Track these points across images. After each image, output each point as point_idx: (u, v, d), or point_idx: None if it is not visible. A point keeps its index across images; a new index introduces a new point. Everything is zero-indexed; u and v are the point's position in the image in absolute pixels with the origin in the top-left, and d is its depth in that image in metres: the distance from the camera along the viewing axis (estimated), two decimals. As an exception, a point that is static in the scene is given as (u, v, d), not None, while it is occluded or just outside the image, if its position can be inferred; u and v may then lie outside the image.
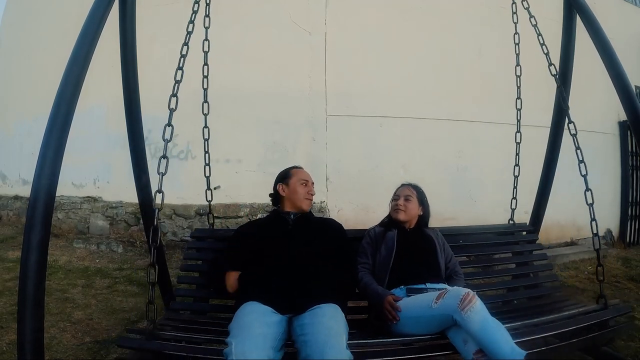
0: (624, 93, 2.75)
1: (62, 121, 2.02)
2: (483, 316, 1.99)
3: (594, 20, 3.04)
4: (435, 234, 2.93)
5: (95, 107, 6.94)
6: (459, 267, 2.89)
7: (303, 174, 2.83)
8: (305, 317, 2.08)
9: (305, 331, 1.99)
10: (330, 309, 2.14)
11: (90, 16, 2.30)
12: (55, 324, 3.76)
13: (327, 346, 1.85)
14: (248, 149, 6.33)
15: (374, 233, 2.88)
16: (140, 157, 3.27)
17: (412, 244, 2.75)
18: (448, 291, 2.17)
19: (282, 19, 6.56)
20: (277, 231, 2.64)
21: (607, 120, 8.29)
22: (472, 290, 2.10)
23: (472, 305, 2.00)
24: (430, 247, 2.78)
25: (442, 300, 2.11)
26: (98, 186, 7.45)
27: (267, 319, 2.06)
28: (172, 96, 2.60)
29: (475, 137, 6.62)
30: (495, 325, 2.00)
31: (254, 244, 2.58)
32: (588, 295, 4.96)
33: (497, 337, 1.94)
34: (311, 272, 2.37)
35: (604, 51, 2.90)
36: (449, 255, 2.88)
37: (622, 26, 8.19)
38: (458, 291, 2.11)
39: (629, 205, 8.42)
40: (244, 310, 2.12)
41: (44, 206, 1.91)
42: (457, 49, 6.82)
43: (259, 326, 1.98)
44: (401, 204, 2.85)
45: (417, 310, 2.26)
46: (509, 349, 1.90)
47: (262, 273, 2.39)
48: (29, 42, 9.00)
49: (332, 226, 2.85)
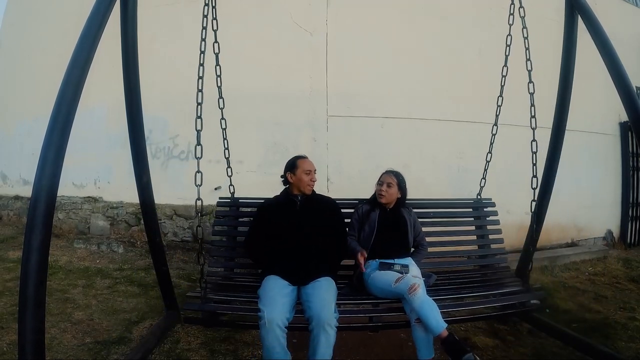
0: (625, 93, 2.75)
1: (63, 122, 2.02)
2: (421, 299, 2.82)
3: (595, 21, 3.04)
4: (409, 213, 3.66)
5: (96, 107, 6.96)
6: (425, 240, 3.72)
7: (307, 165, 3.40)
8: (309, 288, 2.96)
9: (309, 299, 2.87)
10: (325, 282, 3.03)
11: (91, 17, 2.30)
12: (55, 324, 3.77)
13: (322, 311, 2.73)
14: (249, 150, 6.33)
15: (362, 211, 3.64)
16: (141, 157, 3.27)
17: (389, 224, 3.53)
18: (403, 278, 3.00)
19: (283, 20, 6.56)
20: (288, 213, 3.34)
21: (607, 121, 8.27)
22: (418, 282, 2.91)
23: (415, 292, 2.83)
24: (403, 226, 3.56)
25: (399, 284, 2.96)
26: (99, 186, 7.45)
27: (285, 291, 2.93)
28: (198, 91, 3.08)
29: (475, 138, 6.60)
30: (429, 304, 2.81)
31: (271, 225, 3.32)
32: (589, 296, 4.96)
33: (428, 314, 2.77)
34: (314, 250, 3.18)
35: (605, 51, 2.90)
36: (418, 230, 3.69)
37: (622, 27, 8.19)
38: (409, 280, 2.94)
39: (630, 206, 8.40)
40: (268, 284, 2.98)
41: (45, 207, 1.91)
42: (458, 50, 6.81)
43: (280, 297, 2.83)
44: (384, 189, 3.55)
45: (383, 283, 3.12)
46: (435, 322, 2.74)
47: (278, 252, 3.19)
48: (30, 42, 9.01)
49: (331, 208, 3.53)
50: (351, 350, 3.51)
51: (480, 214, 4.22)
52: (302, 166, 3.39)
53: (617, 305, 4.66)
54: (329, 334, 2.69)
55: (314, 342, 2.70)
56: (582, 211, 7.61)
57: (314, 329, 2.71)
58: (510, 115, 4.39)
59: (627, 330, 3.94)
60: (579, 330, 3.77)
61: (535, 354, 3.48)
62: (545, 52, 4.31)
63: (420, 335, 2.85)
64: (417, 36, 6.73)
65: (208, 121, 3.25)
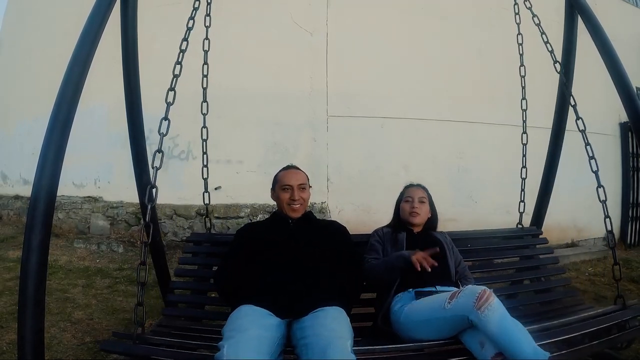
0: (625, 94, 2.74)
1: (63, 122, 2.01)
2: (502, 315, 1.84)
3: (595, 21, 3.03)
4: (444, 237, 2.83)
5: (96, 106, 6.95)
6: (469, 272, 2.77)
7: (286, 178, 2.59)
8: (307, 320, 1.96)
9: (307, 334, 1.87)
10: (333, 311, 2.02)
11: (91, 16, 2.30)
12: (55, 323, 3.76)
13: (329, 347, 1.71)
14: (249, 150, 6.33)
15: (382, 233, 2.79)
16: (141, 156, 3.27)
17: (422, 247, 2.50)
18: (462, 290, 2.03)
19: (283, 19, 6.56)
20: (277, 233, 2.51)
21: (607, 122, 8.27)
22: (488, 288, 1.95)
23: (489, 304, 1.84)
24: (440, 250, 2.54)
25: (456, 299, 1.95)
26: (99, 186, 7.45)
27: (265, 322, 1.95)
28: (169, 90, 2.59)
29: (476, 138, 6.61)
30: (515, 325, 1.86)
31: (254, 246, 2.46)
32: (589, 296, 4.95)
33: (519, 338, 1.80)
34: (313, 275, 2.26)
35: (605, 52, 2.89)
36: (458, 258, 2.77)
37: (622, 27, 8.18)
38: (473, 289, 1.95)
39: (630, 206, 8.42)
40: (239, 313, 2.01)
41: (45, 207, 1.91)
42: (457, 50, 6.81)
43: (255, 328, 1.85)
44: (417, 206, 2.75)
45: (428, 313, 2.10)
46: (532, 351, 1.77)
47: (260, 275, 2.28)
48: (30, 41, 9.00)
49: (335, 228, 2.71)
50: None
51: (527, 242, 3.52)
52: (281, 180, 2.60)
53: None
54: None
55: None
56: (582, 211, 7.59)
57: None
58: (511, 116, 4.38)
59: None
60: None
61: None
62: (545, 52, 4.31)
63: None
64: (417, 36, 6.74)
65: (208, 121, 3.25)
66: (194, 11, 2.86)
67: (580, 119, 3.03)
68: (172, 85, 2.62)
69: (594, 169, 2.95)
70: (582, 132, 3.03)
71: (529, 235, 3.55)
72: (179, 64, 2.71)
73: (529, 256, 3.42)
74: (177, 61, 2.71)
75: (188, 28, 2.80)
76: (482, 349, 1.88)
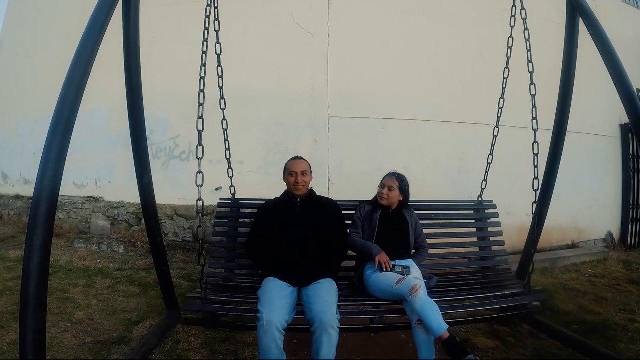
0: (626, 96, 2.75)
1: (65, 123, 2.02)
2: (423, 300, 2.82)
3: (596, 23, 3.04)
4: (411, 215, 3.66)
5: (98, 107, 6.96)
6: (426, 242, 3.70)
7: (292, 166, 3.41)
8: (310, 290, 2.97)
9: (310, 300, 2.87)
10: (326, 284, 3.04)
11: (94, 17, 2.31)
12: (56, 324, 3.77)
13: (323, 313, 2.73)
14: (250, 150, 6.33)
15: (364, 211, 3.62)
16: (142, 157, 3.28)
17: (390, 226, 3.52)
18: (405, 278, 3.00)
19: (285, 20, 6.57)
20: (288, 214, 3.33)
21: (608, 123, 8.27)
22: (419, 283, 2.90)
23: (417, 293, 2.83)
24: (404, 228, 3.55)
25: (400, 285, 2.95)
26: (99, 186, 7.46)
27: (284, 292, 2.93)
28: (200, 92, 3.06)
29: (476, 139, 6.60)
30: (430, 306, 2.81)
31: (271, 226, 3.30)
32: (589, 297, 4.96)
33: (430, 315, 2.77)
34: (315, 251, 3.20)
35: (605, 53, 2.90)
36: (419, 232, 3.67)
37: (623, 29, 8.19)
38: (410, 282, 2.93)
39: (630, 208, 8.40)
40: (267, 285, 2.98)
41: (47, 208, 1.91)
42: (459, 51, 6.82)
43: (279, 299, 2.83)
44: (385, 193, 3.54)
45: (384, 285, 3.11)
46: (436, 324, 2.75)
47: (278, 254, 3.18)
48: (31, 42, 9.02)
49: (332, 208, 3.54)
50: (352, 351, 3.51)
51: (481, 215, 4.21)
52: (289, 168, 3.42)
53: (617, 307, 4.66)
54: (332, 336, 2.69)
55: (317, 344, 2.70)
56: (582, 213, 7.62)
57: (316, 331, 2.71)
58: (511, 117, 4.38)
59: (627, 332, 3.94)
60: (579, 331, 3.78)
61: (536, 355, 3.48)
62: (547, 53, 4.32)
63: (421, 336, 2.84)
64: (418, 37, 6.74)
65: (209, 122, 3.25)
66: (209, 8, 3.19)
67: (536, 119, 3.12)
68: (201, 87, 3.08)
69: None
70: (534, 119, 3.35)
71: (484, 209, 4.25)
72: (204, 65, 3.08)
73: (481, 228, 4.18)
74: (202, 63, 3.08)
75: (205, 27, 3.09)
76: (412, 315, 2.90)
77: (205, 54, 3.12)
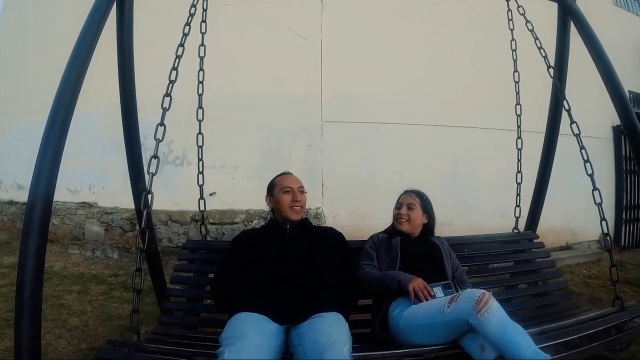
0: (617, 98, 2.79)
1: (60, 128, 2.02)
2: (501, 318, 1.86)
3: (587, 27, 3.08)
4: (441, 242, 2.82)
5: (92, 112, 6.92)
6: (467, 277, 2.77)
7: (286, 181, 2.66)
8: (304, 326, 1.96)
9: (304, 340, 1.88)
10: (331, 317, 2.03)
11: (88, 21, 2.31)
12: (50, 330, 3.75)
13: (327, 352, 1.72)
14: (244, 155, 6.33)
15: (377, 239, 2.78)
16: (136, 162, 3.28)
17: (417, 251, 2.64)
18: (462, 293, 2.03)
19: (279, 26, 6.57)
20: (273, 240, 2.52)
21: (601, 125, 8.33)
22: (487, 291, 1.97)
23: (489, 307, 1.86)
24: (437, 254, 2.68)
25: (455, 303, 1.97)
26: (93, 192, 7.43)
27: (264, 328, 1.95)
28: (165, 95, 2.58)
29: (470, 143, 6.63)
30: (515, 327, 1.87)
31: (250, 254, 2.47)
32: (585, 298, 4.97)
33: (519, 340, 1.81)
34: (310, 281, 2.29)
35: (597, 57, 2.94)
36: (456, 263, 2.77)
37: (616, 32, 8.25)
38: (473, 292, 1.97)
39: (624, 209, 8.46)
40: (237, 320, 2.01)
41: (41, 213, 1.91)
42: (452, 56, 6.84)
43: (255, 336, 1.85)
44: (404, 213, 2.75)
45: (427, 317, 2.10)
46: (532, 353, 1.78)
47: (257, 282, 2.30)
48: (26, 46, 8.97)
49: (332, 235, 2.74)
50: None
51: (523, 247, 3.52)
52: (280, 183, 2.66)
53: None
54: None
55: None
56: (576, 214, 7.64)
57: None
58: (505, 120, 4.41)
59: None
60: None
61: None
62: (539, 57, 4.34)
63: None
64: (411, 42, 6.76)
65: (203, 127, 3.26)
66: (190, 17, 2.85)
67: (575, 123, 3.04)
68: (168, 90, 2.61)
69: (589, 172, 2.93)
70: (577, 136, 3.05)
71: (526, 240, 3.55)
72: (175, 69, 2.69)
73: (526, 260, 3.42)
74: (173, 67, 2.69)
75: (184, 34, 2.79)
76: (483, 352, 1.88)
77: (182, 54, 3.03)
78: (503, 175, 6.19)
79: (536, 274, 3.35)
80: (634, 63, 9.22)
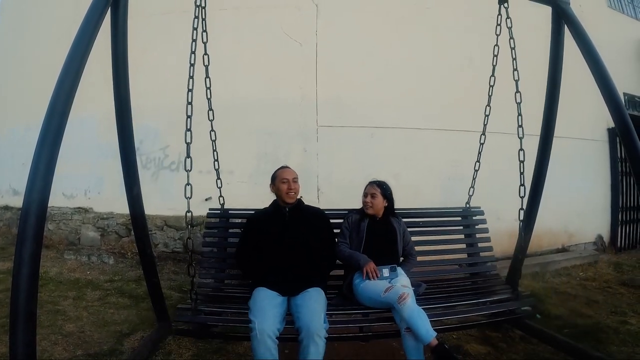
0: (612, 100, 2.80)
1: (54, 134, 2.01)
2: (411, 308, 2.86)
3: (581, 30, 3.10)
4: (399, 222, 3.69)
5: (87, 117, 6.90)
6: (414, 250, 3.73)
7: (284, 174, 3.49)
8: (298, 299, 3.02)
9: (299, 310, 2.92)
10: (314, 293, 3.08)
11: (83, 26, 2.31)
12: (46, 336, 3.74)
13: (311, 321, 2.78)
14: (240, 160, 6.33)
15: (351, 220, 3.63)
16: (131, 168, 3.26)
17: (378, 234, 3.54)
18: (393, 288, 3.03)
19: (274, 30, 6.58)
20: (276, 224, 3.39)
21: (596, 128, 8.38)
22: (407, 291, 2.96)
23: (405, 301, 2.88)
24: (392, 236, 3.58)
25: (388, 293, 2.99)
26: (89, 197, 7.41)
27: (275, 302, 2.99)
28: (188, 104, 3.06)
29: (466, 146, 6.62)
30: (418, 314, 2.85)
31: (260, 236, 3.36)
32: (581, 300, 4.99)
33: (418, 323, 2.81)
34: (303, 261, 3.24)
35: (591, 60, 2.96)
36: (407, 239, 3.71)
37: (611, 35, 8.30)
38: (398, 290, 2.97)
39: (620, 210, 8.49)
40: (258, 295, 3.02)
41: (36, 219, 1.90)
42: (448, 59, 6.85)
43: (270, 308, 2.89)
44: (368, 201, 3.59)
45: (372, 293, 3.14)
46: (424, 331, 2.78)
47: (267, 263, 3.23)
48: (22, 50, 8.97)
49: (319, 216, 3.61)
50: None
51: (469, 222, 4.24)
52: (280, 176, 3.48)
53: (608, 309, 4.70)
54: (319, 345, 2.73)
55: (304, 353, 2.73)
56: (572, 217, 7.68)
57: (304, 340, 2.75)
58: (500, 124, 4.42)
59: (618, 334, 3.97)
60: (571, 335, 3.79)
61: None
62: (534, 61, 4.36)
63: (410, 344, 2.87)
64: (407, 46, 6.77)
65: (198, 132, 3.25)
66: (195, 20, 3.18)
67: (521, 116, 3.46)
68: (189, 99, 3.07)
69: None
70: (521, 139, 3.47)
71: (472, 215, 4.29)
72: (191, 77, 3.07)
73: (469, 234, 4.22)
74: (190, 75, 3.06)
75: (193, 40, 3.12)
76: (400, 322, 2.92)
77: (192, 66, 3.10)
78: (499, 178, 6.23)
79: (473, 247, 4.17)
80: (628, 65, 9.29)
